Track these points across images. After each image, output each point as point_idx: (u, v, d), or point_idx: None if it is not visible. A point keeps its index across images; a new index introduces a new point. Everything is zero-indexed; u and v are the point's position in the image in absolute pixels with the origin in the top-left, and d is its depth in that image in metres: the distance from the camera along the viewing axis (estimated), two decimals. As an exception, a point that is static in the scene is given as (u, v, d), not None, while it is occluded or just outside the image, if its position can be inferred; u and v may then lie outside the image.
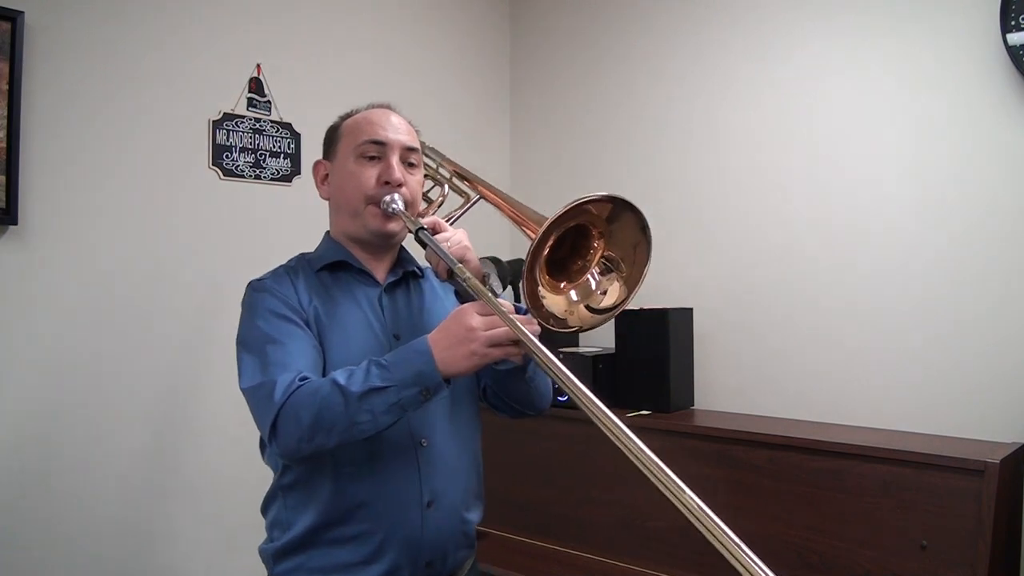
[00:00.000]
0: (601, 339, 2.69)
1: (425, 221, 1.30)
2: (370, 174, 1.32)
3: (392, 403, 1.13)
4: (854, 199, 2.24)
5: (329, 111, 1.48)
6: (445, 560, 1.30)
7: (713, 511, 0.81)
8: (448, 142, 2.85)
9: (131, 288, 2.05)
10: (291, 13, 2.41)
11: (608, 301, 1.26)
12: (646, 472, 0.89)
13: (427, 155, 1.61)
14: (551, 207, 1.16)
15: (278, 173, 2.36)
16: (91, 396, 1.98)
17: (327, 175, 1.40)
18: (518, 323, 1.10)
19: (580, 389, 1.01)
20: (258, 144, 2.31)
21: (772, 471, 1.98)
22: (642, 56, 2.74)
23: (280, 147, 2.36)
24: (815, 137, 2.32)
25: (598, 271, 1.27)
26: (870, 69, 2.21)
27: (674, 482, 0.87)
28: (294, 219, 2.33)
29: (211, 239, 2.21)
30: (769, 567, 0.76)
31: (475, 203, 1.60)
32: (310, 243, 1.46)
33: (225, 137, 2.24)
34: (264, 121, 2.33)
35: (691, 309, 2.49)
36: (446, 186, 1.65)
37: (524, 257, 1.16)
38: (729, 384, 2.49)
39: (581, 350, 2.57)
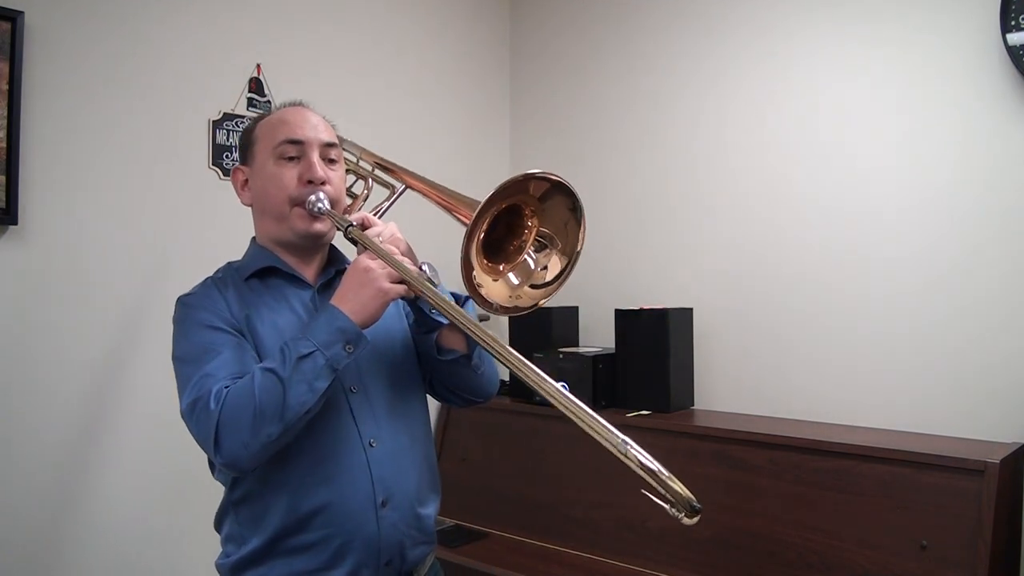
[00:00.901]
0: (601, 339, 2.70)
1: (353, 217, 1.29)
2: (291, 174, 1.30)
3: (321, 365, 1.14)
4: (854, 199, 2.24)
5: (330, 111, 1.47)
6: (404, 558, 1.30)
7: (713, 511, 0.81)
8: (448, 142, 2.86)
9: (131, 288, 2.05)
10: (291, 13, 2.41)
11: (551, 275, 1.28)
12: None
13: (346, 149, 1.57)
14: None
15: (278, 173, 2.35)
16: (91, 396, 1.98)
17: (246, 180, 1.37)
18: (406, 264, 1.17)
19: (495, 340, 1.11)
20: (258, 144, 2.31)
21: (772, 471, 1.98)
22: (644, 53, 2.74)
23: (280, 147, 2.36)
24: (816, 136, 2.32)
25: (533, 249, 1.28)
26: (870, 69, 2.21)
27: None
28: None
29: (211, 239, 2.20)
30: (769, 567, 0.76)
31: (401, 194, 1.56)
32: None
33: (225, 137, 2.24)
34: (264, 121, 2.33)
35: (691, 309, 2.49)
36: (369, 179, 1.62)
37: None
38: (729, 384, 2.49)
39: (581, 350, 2.57)
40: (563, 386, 1.03)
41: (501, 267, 1.26)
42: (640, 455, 0.96)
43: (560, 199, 1.25)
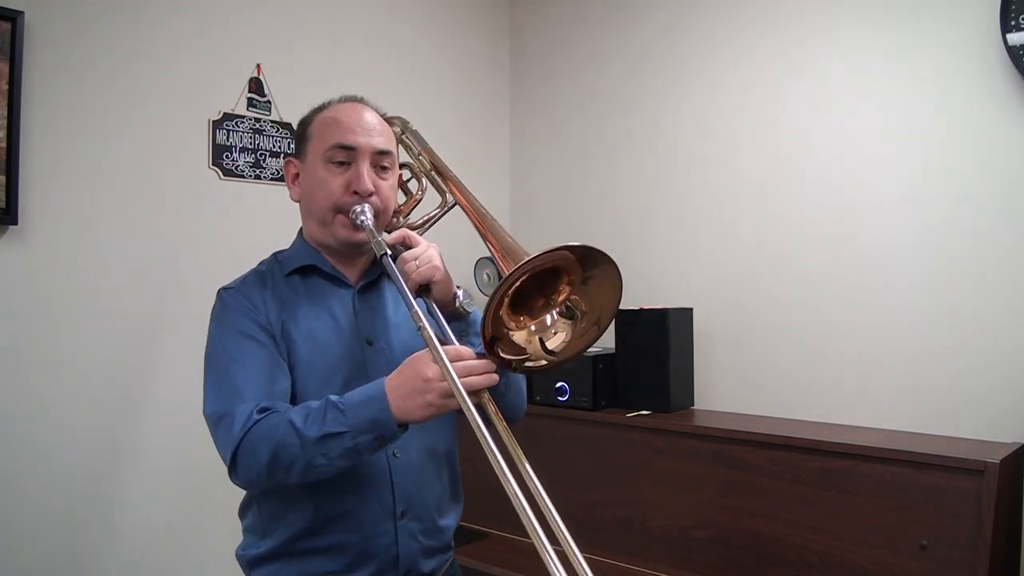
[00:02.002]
0: (601, 339, 2.69)
1: (394, 235, 1.27)
2: (339, 181, 1.26)
3: (348, 448, 1.11)
4: (854, 199, 2.24)
5: (329, 111, 1.47)
6: (421, 568, 1.30)
7: (713, 511, 0.82)
8: (449, 142, 2.85)
9: (131, 288, 2.05)
10: (291, 13, 2.41)
11: (553, 344, 1.19)
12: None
13: (408, 140, 1.52)
14: (551, 206, 1.14)
15: (278, 173, 2.36)
16: (91, 396, 1.98)
17: (297, 175, 1.34)
18: (458, 383, 1.07)
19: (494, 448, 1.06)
20: (258, 144, 2.31)
21: (772, 471, 1.98)
22: (643, 56, 2.74)
23: (280, 147, 2.36)
24: (816, 137, 2.32)
25: (557, 311, 1.20)
26: (870, 69, 2.21)
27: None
28: (294, 219, 2.32)
29: (211, 239, 2.21)
30: (769, 567, 0.76)
31: (450, 209, 1.49)
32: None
33: (225, 137, 2.24)
34: (264, 121, 2.33)
35: (691, 309, 2.49)
36: (424, 179, 1.56)
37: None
38: (729, 384, 2.49)
39: (528, 366, 2.55)
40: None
41: (522, 319, 1.19)
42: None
43: (609, 283, 1.15)
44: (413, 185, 1.56)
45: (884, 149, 2.19)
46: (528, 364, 1.19)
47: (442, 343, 1.13)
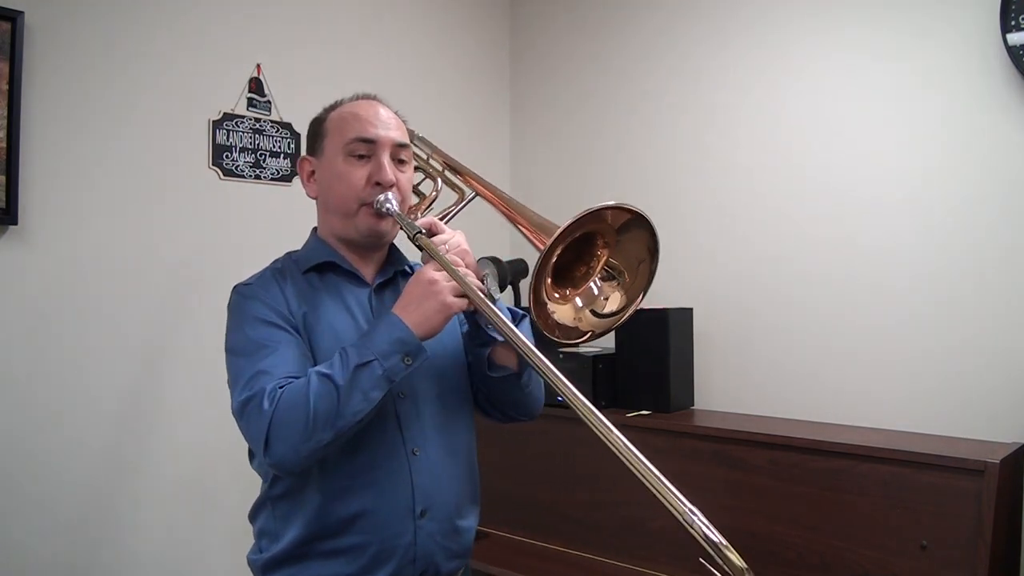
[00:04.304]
0: (601, 339, 2.69)
1: (422, 222, 1.27)
2: (360, 174, 1.27)
3: (378, 376, 1.12)
4: (854, 199, 2.24)
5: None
6: (439, 570, 1.28)
7: (713, 511, 0.82)
8: (449, 141, 2.85)
9: (131, 288, 2.05)
10: (291, 13, 2.41)
11: (610, 307, 1.24)
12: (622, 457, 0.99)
13: (416, 146, 1.54)
14: (552, 202, 1.16)
15: (278, 173, 2.36)
16: (91, 395, 1.98)
17: (313, 172, 1.34)
18: (470, 279, 1.14)
19: (549, 368, 1.07)
20: (258, 144, 2.31)
21: (772, 471, 1.98)
22: (645, 53, 2.74)
23: (280, 147, 2.36)
24: (814, 136, 2.32)
25: (599, 277, 1.24)
26: (870, 69, 2.21)
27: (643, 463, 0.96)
28: (294, 219, 2.31)
29: (211, 239, 2.21)
30: (770, 567, 0.76)
31: (471, 200, 1.52)
32: (310, 243, 1.45)
33: (225, 137, 2.24)
34: (264, 121, 2.33)
35: (691, 309, 2.49)
36: (439, 180, 1.58)
37: (523, 258, 1.15)
38: (729, 384, 2.49)
39: (581, 350, 2.57)
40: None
41: (568, 291, 1.23)
42: (704, 527, 0.95)
43: (641, 236, 1.21)
44: (425, 188, 1.58)
45: (884, 149, 2.19)
46: (589, 339, 1.24)
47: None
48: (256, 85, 2.31)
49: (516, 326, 1.14)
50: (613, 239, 1.22)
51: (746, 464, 2.02)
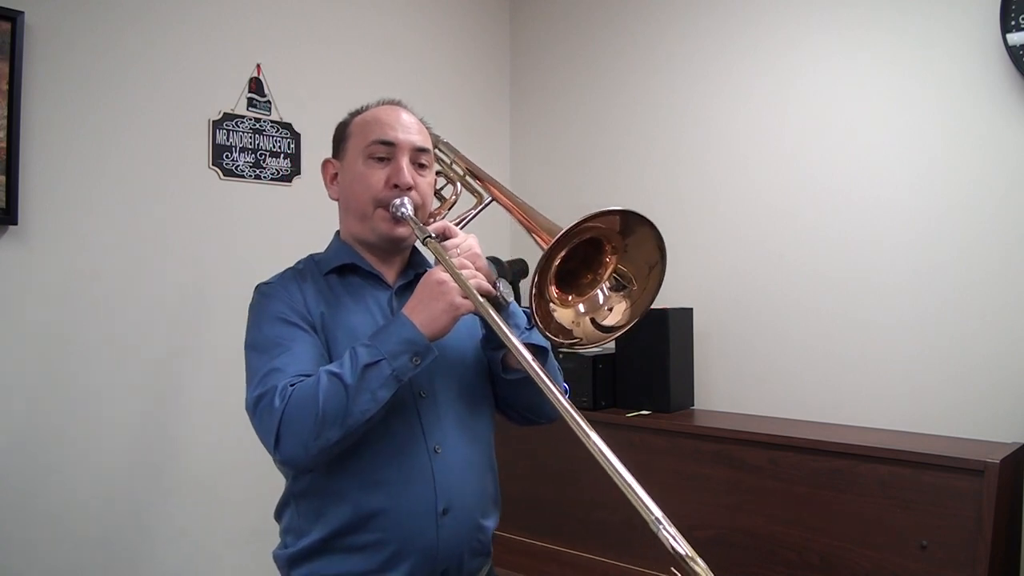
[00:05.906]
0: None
1: (435, 227, 1.28)
2: (379, 176, 1.29)
3: (387, 375, 1.13)
4: (854, 200, 2.24)
5: (329, 111, 1.47)
6: (460, 568, 1.29)
7: (713, 511, 0.82)
8: (449, 140, 2.86)
9: (131, 288, 2.05)
10: (291, 13, 2.41)
11: (611, 320, 1.24)
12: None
13: (440, 151, 1.57)
14: (551, 204, 1.17)
15: (278, 173, 2.36)
16: (91, 395, 1.98)
17: (336, 174, 1.37)
18: (471, 284, 1.14)
19: (538, 374, 1.06)
20: (258, 144, 2.31)
21: (772, 471, 1.98)
22: (646, 53, 2.74)
23: (280, 147, 2.36)
24: (814, 136, 2.32)
25: (608, 286, 1.25)
26: (870, 69, 2.21)
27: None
28: (294, 219, 2.33)
29: (211, 239, 2.21)
30: (770, 567, 0.76)
31: (487, 205, 1.56)
32: (310, 244, 1.45)
33: (225, 137, 2.24)
34: (264, 121, 2.33)
35: (691, 309, 2.49)
36: (459, 184, 1.61)
37: (524, 258, 1.16)
38: (729, 384, 2.49)
39: (581, 350, 2.57)
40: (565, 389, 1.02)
41: (570, 298, 1.24)
42: (671, 538, 0.95)
43: (649, 239, 1.22)
44: (447, 191, 1.61)
45: (884, 149, 2.19)
46: (575, 346, 1.25)
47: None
48: (256, 85, 2.31)
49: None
50: (620, 244, 1.23)
51: (746, 464, 2.02)
